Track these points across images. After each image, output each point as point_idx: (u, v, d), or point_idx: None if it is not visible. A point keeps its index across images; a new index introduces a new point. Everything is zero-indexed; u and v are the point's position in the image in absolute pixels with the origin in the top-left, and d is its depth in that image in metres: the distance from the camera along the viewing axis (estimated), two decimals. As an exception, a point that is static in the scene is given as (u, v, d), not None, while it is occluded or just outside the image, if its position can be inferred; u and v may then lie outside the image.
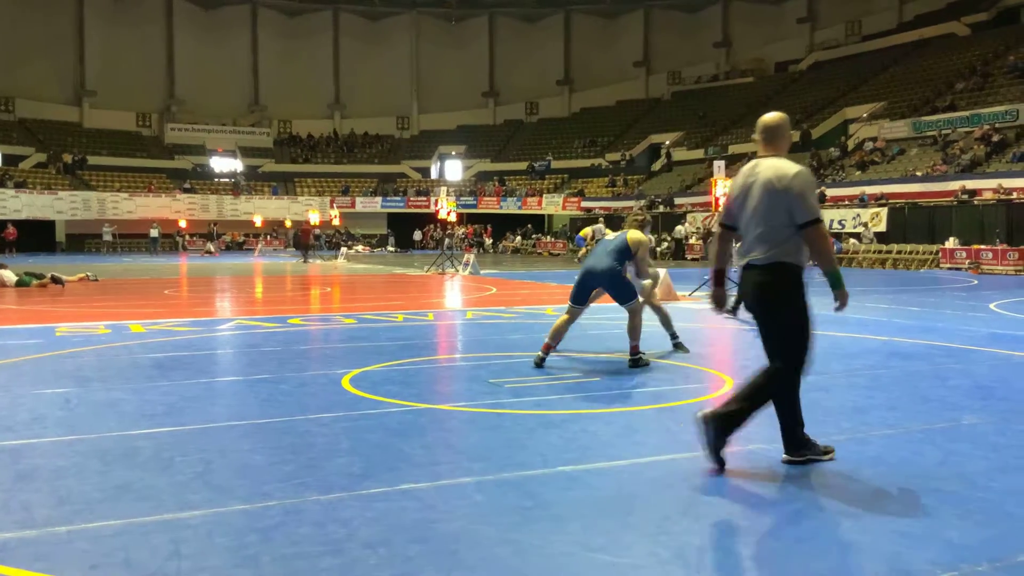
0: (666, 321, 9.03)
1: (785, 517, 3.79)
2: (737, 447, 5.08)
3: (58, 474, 4.44)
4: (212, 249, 44.33)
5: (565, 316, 7.94)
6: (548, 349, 7.88)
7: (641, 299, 8.31)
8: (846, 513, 3.85)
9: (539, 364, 7.76)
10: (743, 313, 6.21)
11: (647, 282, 8.79)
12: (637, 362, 7.78)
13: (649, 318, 8.54)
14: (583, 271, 8.01)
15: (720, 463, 4.46)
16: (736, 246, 4.92)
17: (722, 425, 4.48)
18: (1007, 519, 3.80)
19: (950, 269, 26.15)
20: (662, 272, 13.63)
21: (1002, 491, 4.19)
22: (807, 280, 4.54)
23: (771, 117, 4.83)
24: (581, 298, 7.95)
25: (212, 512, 3.85)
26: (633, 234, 8.01)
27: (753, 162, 4.72)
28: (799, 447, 4.63)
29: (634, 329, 7.85)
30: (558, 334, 7.87)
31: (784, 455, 4.66)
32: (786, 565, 3.29)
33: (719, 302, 4.90)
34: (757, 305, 4.63)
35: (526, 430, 5.41)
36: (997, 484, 4.30)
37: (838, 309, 4.53)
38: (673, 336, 9.00)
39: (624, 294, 7.88)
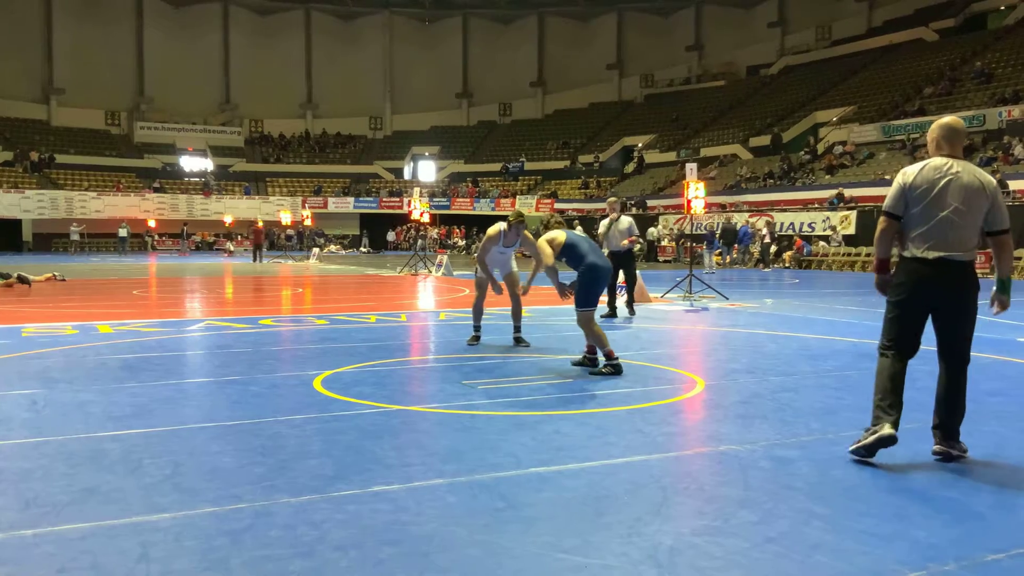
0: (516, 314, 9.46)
1: (755, 517, 3.82)
2: (708, 448, 5.11)
3: (24, 476, 4.38)
4: (231, 248, 43.60)
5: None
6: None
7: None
8: (815, 513, 3.89)
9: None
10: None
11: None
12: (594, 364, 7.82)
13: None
14: (604, 270, 7.89)
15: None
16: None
17: (956, 435, 4.76)
18: (974, 519, 3.85)
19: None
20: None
21: (969, 491, 4.25)
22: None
23: (955, 120, 4.88)
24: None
25: (181, 515, 3.81)
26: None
27: (943, 160, 4.70)
28: (957, 438, 4.75)
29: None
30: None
31: (939, 446, 4.74)
32: (756, 565, 3.31)
33: (885, 289, 4.85)
34: (956, 300, 4.67)
35: (499, 431, 5.41)
36: (963, 484, 4.35)
37: (997, 312, 4.77)
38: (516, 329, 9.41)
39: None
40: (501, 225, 9.05)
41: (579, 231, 8.34)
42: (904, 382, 4.77)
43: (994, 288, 4.79)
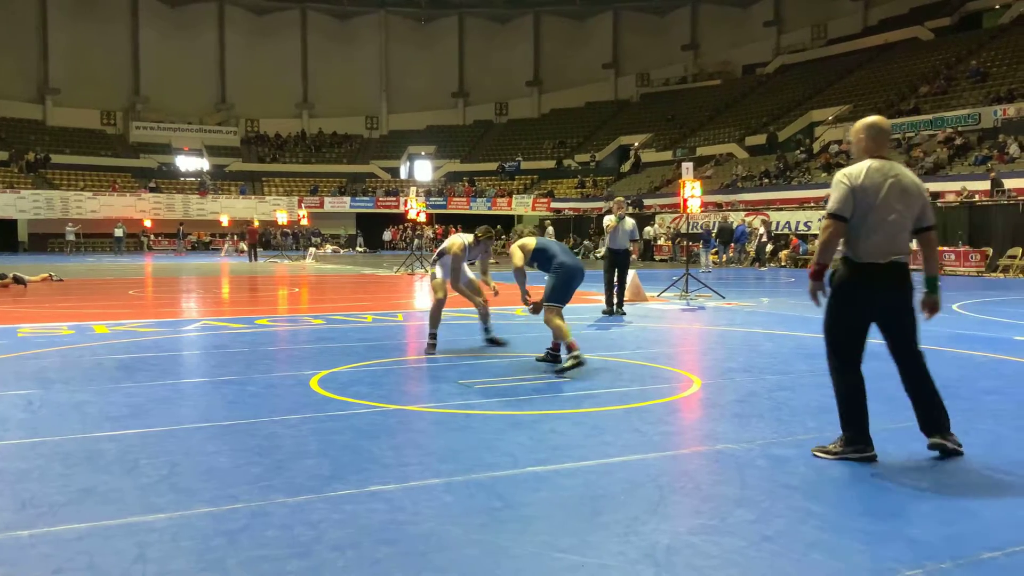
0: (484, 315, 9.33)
1: (752, 516, 3.82)
2: (705, 447, 5.11)
3: (20, 477, 4.37)
4: (244, 248, 42.91)
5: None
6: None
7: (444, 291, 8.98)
8: (811, 512, 3.89)
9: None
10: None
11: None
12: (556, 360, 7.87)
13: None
14: (575, 269, 7.99)
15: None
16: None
17: (946, 427, 4.76)
18: (970, 517, 3.86)
19: (913, 270, 26.37)
20: (631, 274, 13.73)
21: (965, 489, 4.25)
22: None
23: (882, 120, 4.86)
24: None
25: (178, 515, 3.81)
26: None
27: (880, 162, 4.69)
28: (948, 428, 4.76)
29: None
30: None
31: (934, 439, 4.75)
32: (753, 564, 3.31)
33: (818, 295, 4.76)
34: (905, 301, 4.70)
35: (495, 431, 5.41)
36: (959, 482, 4.36)
37: (928, 318, 4.74)
38: (487, 331, 9.29)
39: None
40: (465, 239, 8.97)
41: (550, 234, 8.48)
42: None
43: (924, 291, 4.73)
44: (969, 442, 4.91)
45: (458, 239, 9.02)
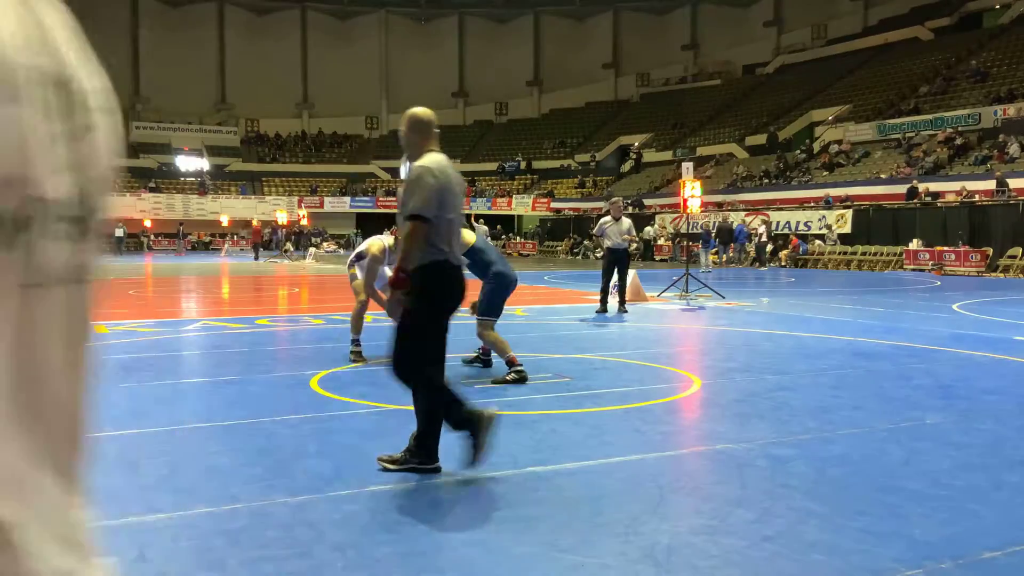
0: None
1: (752, 516, 3.82)
2: (705, 447, 5.11)
3: (20, 477, 4.36)
4: (289, 246, 42.05)
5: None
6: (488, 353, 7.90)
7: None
8: (812, 512, 3.89)
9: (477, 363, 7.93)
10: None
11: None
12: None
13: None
14: (511, 279, 7.58)
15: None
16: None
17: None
18: (970, 516, 3.86)
19: (914, 270, 26.52)
20: (630, 273, 13.73)
21: (964, 489, 4.25)
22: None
23: (425, 111, 4.59)
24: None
25: (178, 515, 3.81)
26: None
27: (442, 155, 4.53)
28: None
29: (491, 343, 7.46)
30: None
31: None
32: (753, 564, 3.31)
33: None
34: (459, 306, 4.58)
35: (495, 431, 5.40)
36: (960, 482, 4.36)
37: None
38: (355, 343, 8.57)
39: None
40: (385, 241, 8.40)
41: (482, 231, 8.33)
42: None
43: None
44: (969, 442, 4.91)
45: (378, 241, 8.47)
